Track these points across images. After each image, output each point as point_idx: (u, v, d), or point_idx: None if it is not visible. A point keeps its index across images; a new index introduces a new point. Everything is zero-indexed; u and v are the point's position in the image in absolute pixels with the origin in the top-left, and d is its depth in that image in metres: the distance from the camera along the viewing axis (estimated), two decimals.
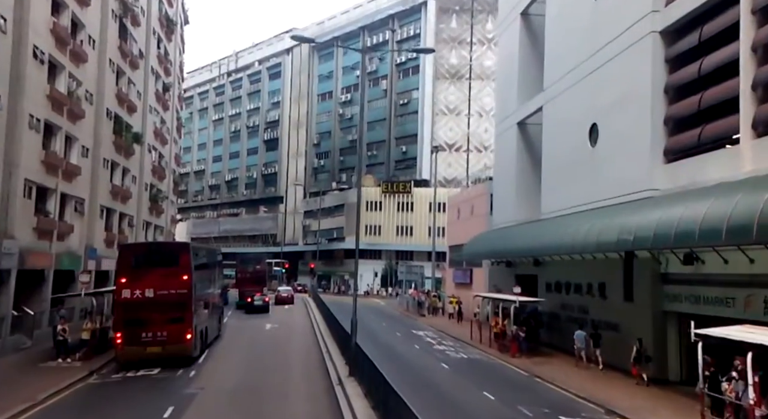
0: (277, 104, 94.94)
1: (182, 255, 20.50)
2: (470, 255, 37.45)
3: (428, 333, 33.73)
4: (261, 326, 33.82)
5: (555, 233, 24.90)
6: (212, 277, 26.31)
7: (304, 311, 43.95)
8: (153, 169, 40.71)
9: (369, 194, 74.57)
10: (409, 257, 73.53)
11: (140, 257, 20.47)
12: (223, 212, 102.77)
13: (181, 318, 19.53)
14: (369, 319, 40.78)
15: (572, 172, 27.02)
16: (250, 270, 47.95)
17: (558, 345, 26.52)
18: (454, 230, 46.78)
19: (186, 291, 19.69)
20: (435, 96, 74.51)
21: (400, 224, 73.71)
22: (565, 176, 27.80)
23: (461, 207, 45.34)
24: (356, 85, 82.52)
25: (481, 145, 73.95)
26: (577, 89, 26.71)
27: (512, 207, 33.85)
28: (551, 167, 29.55)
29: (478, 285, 40.64)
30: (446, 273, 48.82)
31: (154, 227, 42.31)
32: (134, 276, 19.37)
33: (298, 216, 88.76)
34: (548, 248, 25.50)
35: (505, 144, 35.80)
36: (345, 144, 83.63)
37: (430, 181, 74.01)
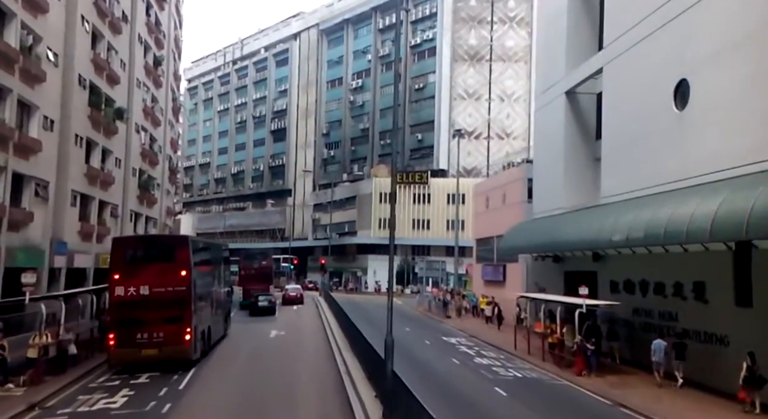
0: (285, 93, 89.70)
1: (180, 249, 18.79)
2: (508, 250, 32.01)
3: (461, 340, 28.40)
4: (265, 333, 28.58)
5: (625, 221, 19.52)
6: (216, 273, 24.36)
7: (315, 313, 38.69)
8: (143, 153, 35.57)
9: (382, 185, 69.21)
10: (425, 252, 68.27)
11: (135, 252, 18.84)
12: (229, 206, 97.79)
13: (180, 317, 18.06)
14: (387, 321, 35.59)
15: (646, 145, 21.61)
16: (255, 267, 43.52)
17: (628, 359, 21.17)
18: (482, 221, 41.38)
19: (185, 288, 18.20)
20: (453, 79, 68.96)
21: (416, 217, 68.35)
22: (634, 151, 22.38)
23: (490, 196, 39.92)
24: (368, 70, 77.12)
25: (503, 131, 68.38)
26: (655, 40, 21.19)
27: (560, 192, 28.42)
28: (614, 142, 24.08)
29: (513, 283, 35.25)
30: (473, 270, 43.43)
31: (145, 218, 37.18)
32: (128, 272, 17.98)
33: (307, 210, 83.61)
34: (619, 240, 20.03)
35: (549, 119, 30.31)
36: (356, 133, 78.31)
37: (448, 171, 68.66)
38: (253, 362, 20.64)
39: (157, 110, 39.20)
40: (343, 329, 27.29)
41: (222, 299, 25.71)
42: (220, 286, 25.20)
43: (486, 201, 40.54)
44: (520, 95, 68.28)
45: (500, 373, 19.97)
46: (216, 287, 23.99)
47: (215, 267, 24.21)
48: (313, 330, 29.64)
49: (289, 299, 44.42)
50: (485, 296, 35.52)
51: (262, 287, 40.41)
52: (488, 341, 27.75)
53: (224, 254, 28.43)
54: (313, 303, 46.07)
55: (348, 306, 34.52)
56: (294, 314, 38.81)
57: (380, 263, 68.01)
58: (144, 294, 17.75)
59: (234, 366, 19.85)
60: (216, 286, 24.00)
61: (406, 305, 49.23)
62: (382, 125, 75.01)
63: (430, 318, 39.30)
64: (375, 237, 68.63)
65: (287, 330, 29.64)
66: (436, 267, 48.02)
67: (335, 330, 28.51)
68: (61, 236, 24.43)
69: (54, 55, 23.03)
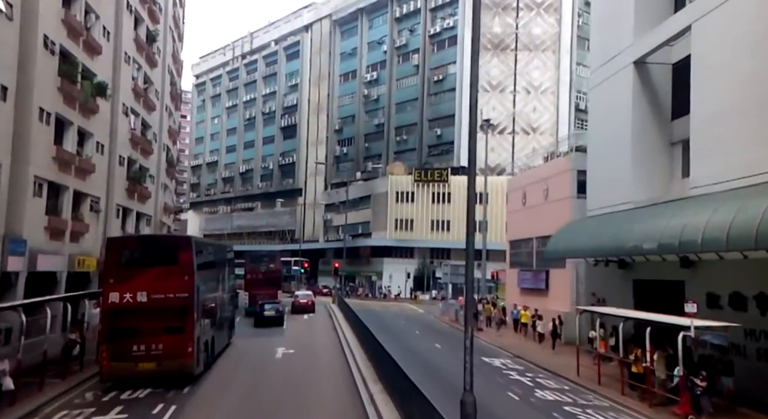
0: (295, 87, 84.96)
1: (183, 251, 17.04)
2: (556, 253, 26.81)
3: (507, 362, 23.26)
4: (269, 351, 23.55)
5: (746, 215, 14.46)
6: (220, 277, 22.48)
7: (329, 325, 33.66)
8: (133, 139, 30.76)
9: (399, 183, 64.33)
10: (445, 256, 63.16)
11: (132, 253, 17.10)
12: (237, 206, 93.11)
13: (181, 327, 16.47)
14: (414, 335, 30.58)
15: (757, 119, 16.54)
16: (262, 270, 39.46)
17: (742, 396, 16.00)
18: (518, 221, 36.23)
19: (187, 295, 16.59)
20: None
21: (435, 217, 63.28)
22: (739, 128, 17.30)
23: (529, 191, 34.78)
24: (383, 62, 72.19)
25: (529, 126, 63.18)
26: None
27: (625, 184, 23.31)
28: (708, 117, 18.92)
29: (559, 292, 30.10)
30: (506, 276, 38.24)
31: (136, 215, 32.37)
32: (124, 276, 16.29)
33: (318, 210, 78.74)
34: (740, 240, 14.86)
35: (609, 97, 25.17)
36: (371, 129, 73.35)
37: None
38: (253, 400, 15.58)
39: (152, 92, 34.43)
40: (366, 348, 22.23)
41: (226, 306, 23.87)
42: (224, 291, 23.24)
43: (522, 198, 35.40)
44: (548, 87, 63.10)
45: (579, 418, 14.84)
46: (220, 292, 22.09)
47: (219, 271, 22.36)
48: (328, 349, 24.55)
49: (299, 308, 39.47)
50: (526, 309, 30.22)
51: (269, 292, 36.81)
52: (540, 364, 22.60)
53: (229, 256, 26.38)
54: (325, 312, 41.06)
55: (367, 317, 29.57)
56: (305, 325, 33.81)
57: (396, 267, 63.11)
58: (141, 301, 16.05)
59: (231, 397, 14.98)
60: (220, 291, 22.12)
61: (428, 314, 44.14)
62: (398, 119, 70.08)
63: (457, 330, 34.14)
64: (391, 239, 63.66)
65: (297, 347, 24.59)
66: (462, 272, 42.83)
67: (355, 349, 23.41)
68: (18, 233, 19.58)
69: (7, 4, 18.20)
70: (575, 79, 62.83)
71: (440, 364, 22.10)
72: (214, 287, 20.80)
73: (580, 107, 63.02)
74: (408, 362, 16.85)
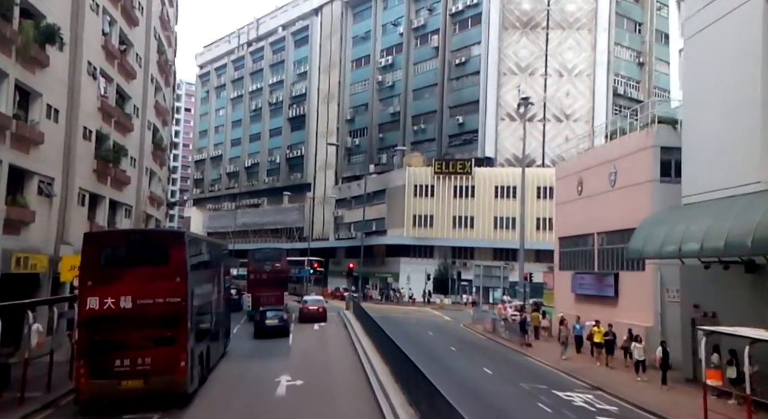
0: (304, 75, 78.78)
1: (174, 248, 14.50)
2: (648, 252, 20.24)
3: (589, 397, 16.90)
4: (269, 382, 17.25)
5: None
6: (216, 279, 20.10)
7: (345, 338, 27.33)
8: (103, 109, 24.60)
9: (417, 176, 58.08)
10: (468, 255, 56.92)
11: (114, 251, 14.51)
12: (242, 202, 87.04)
13: (172, 337, 14.00)
14: (451, 353, 24.42)
15: None
16: (267, 270, 35.24)
17: None
18: (571, 213, 29.83)
19: (179, 300, 14.10)
20: (502, 51, 57.48)
21: (457, 213, 56.93)
22: None
23: (586, 178, 28.39)
24: (399, 45, 65.86)
25: (562, 112, 56.70)
26: None
27: (751, 156, 16.94)
28: None
29: (634, 302, 23.72)
30: (555, 279, 31.82)
31: (109, 203, 26.21)
32: (105, 278, 13.77)
33: (328, 206, 72.51)
34: None
35: (724, 42, 18.74)
36: (385, 118, 67.05)
37: (495, 159, 57.19)
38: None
39: (131, 56, 28.30)
40: (401, 380, 15.88)
41: (223, 311, 21.38)
42: (220, 295, 20.74)
43: (578, 186, 28.99)
44: (583, 69, 56.61)
45: None
46: (216, 295, 19.58)
47: (215, 271, 19.98)
48: (348, 379, 18.19)
49: (308, 315, 33.23)
50: (599, 326, 23.41)
51: (275, 293, 33.26)
52: (638, 404, 16.21)
53: (225, 255, 24.18)
54: (339, 321, 34.80)
55: (391, 328, 23.34)
56: (315, 338, 27.53)
57: (414, 267, 56.87)
58: (125, 307, 13.84)
59: None
60: (216, 295, 19.60)
61: (457, 323, 37.85)
62: (416, 107, 63.77)
63: (500, 345, 27.87)
64: (408, 237, 57.36)
65: (306, 375, 18.29)
66: (496, 274, 36.51)
67: (385, 379, 17.02)
68: None
69: None
70: (613, 60, 56.38)
71: (506, 405, 15.77)
72: (210, 291, 18.29)
73: (619, 92, 56.58)
74: (458, 397, 10.93)
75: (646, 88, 57.79)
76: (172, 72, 38.83)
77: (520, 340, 27.47)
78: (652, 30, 58.43)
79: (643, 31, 59.00)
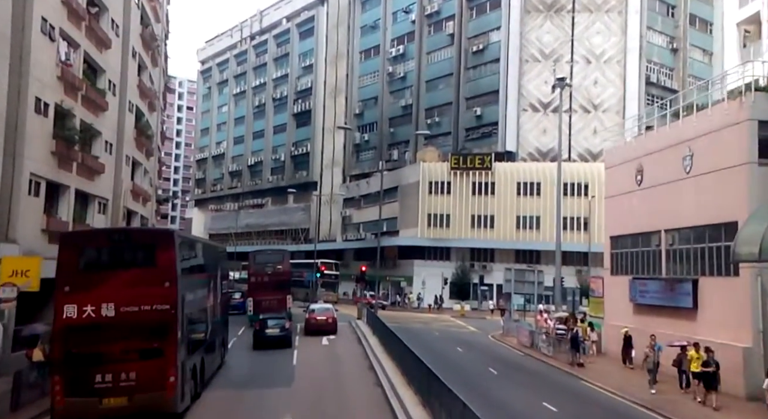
0: (310, 68, 74.19)
1: (163, 250, 13.11)
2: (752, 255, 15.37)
3: None
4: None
5: None
6: (212, 283, 17.89)
7: (361, 360, 22.42)
8: (64, 78, 19.90)
9: (432, 172, 53.36)
10: (488, 257, 52.16)
11: (94, 253, 13.23)
12: (246, 202, 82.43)
13: (160, 350, 12.63)
14: (492, 378, 19.56)
15: None
16: (269, 273, 33.02)
17: None
18: (627, 208, 24.94)
19: (168, 307, 12.71)
20: (523, 37, 52.69)
21: (475, 212, 52.13)
22: None
23: (648, 165, 23.51)
24: (411, 33, 61.16)
25: (590, 102, 51.82)
26: None
27: None
28: None
29: (722, 315, 18.79)
30: (605, 286, 26.84)
31: (74, 194, 21.48)
32: (84, 283, 12.51)
33: (335, 206, 67.85)
34: None
35: None
36: (396, 111, 62.36)
37: (517, 153, 52.36)
38: None
39: (105, 22, 23.62)
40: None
41: (219, 319, 19.74)
42: (216, 300, 19.10)
43: (637, 175, 24.11)
44: (612, 56, 51.76)
45: None
46: (211, 302, 17.86)
47: (210, 275, 18.23)
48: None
49: (315, 327, 28.41)
50: (696, 348, 17.89)
51: (277, 297, 31.14)
52: None
53: (222, 257, 22.55)
54: (350, 332, 30.01)
55: (413, 343, 18.58)
56: (324, 358, 22.72)
57: (430, 271, 52.12)
58: (107, 316, 12.29)
59: None
60: (211, 301, 17.89)
61: (484, 334, 33.03)
62: (429, 99, 59.04)
63: (545, 365, 23.06)
64: (423, 238, 52.57)
65: (315, 414, 13.54)
66: (529, 279, 31.63)
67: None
68: None
69: None
70: (645, 46, 51.47)
71: None
72: (204, 296, 16.75)
73: (652, 80, 51.66)
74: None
75: (681, 76, 52.90)
76: (161, 51, 34.18)
77: (570, 359, 22.61)
78: (686, 13, 53.58)
79: (676, 14, 54.13)
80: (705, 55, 55.19)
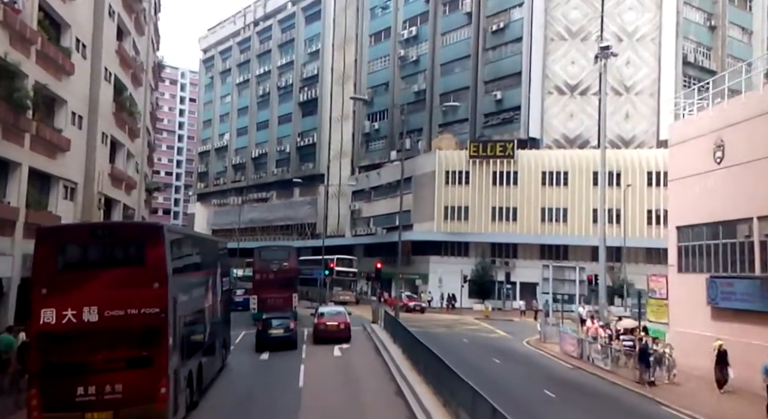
0: (316, 54, 69.90)
1: (152, 246, 11.86)
2: None
3: None
4: None
5: None
6: (211, 281, 16.63)
7: (383, 378, 18.06)
8: (5, 22, 15.63)
9: (449, 161, 49.13)
10: (510, 253, 47.79)
11: (75, 250, 12.02)
12: (250, 196, 78.29)
13: (149, 358, 11.53)
14: (548, 401, 15.32)
15: None
16: (274, 270, 31.64)
17: None
18: (702, 191, 20.53)
19: (158, 311, 11.57)
20: (548, 13, 48.20)
21: (496, 203, 47.77)
22: None
23: (732, 138, 19.09)
24: (424, 14, 56.70)
25: (621, 84, 47.29)
26: None
27: None
28: None
29: None
30: (670, 286, 22.37)
31: (27, 173, 17.22)
32: (64, 285, 11.32)
33: (343, 199, 63.60)
34: None
35: None
36: (409, 97, 57.82)
37: (541, 140, 47.97)
38: None
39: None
40: None
41: (220, 320, 17.77)
42: (216, 299, 17.18)
43: (715, 151, 19.68)
44: (646, 33, 47.23)
45: None
46: (210, 302, 16.23)
47: (210, 272, 16.63)
48: None
49: (324, 334, 24.05)
50: None
51: (282, 295, 29.80)
52: None
53: (222, 253, 20.17)
54: (366, 339, 25.70)
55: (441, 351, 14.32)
56: (337, 374, 18.43)
57: (447, 267, 47.75)
58: (90, 321, 11.23)
59: None
60: (210, 301, 16.24)
61: (516, 339, 28.69)
62: (444, 84, 54.62)
63: (606, 382, 18.74)
64: (439, 232, 48.25)
65: None
66: (569, 277, 27.24)
67: None
68: None
69: None
70: (682, 22, 46.86)
71: None
72: (202, 296, 15.31)
73: (689, 60, 47.05)
74: None
75: (719, 56, 48.29)
76: (147, 18, 29.83)
77: (637, 376, 18.27)
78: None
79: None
80: (744, 34, 50.58)
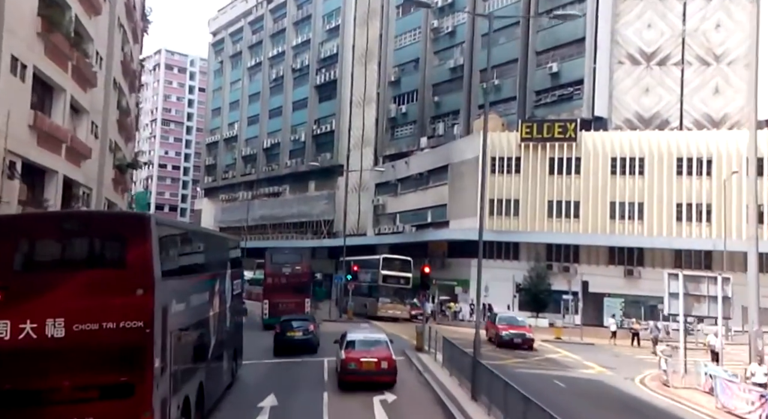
0: (335, 31, 62.02)
1: (135, 242, 9.02)
2: None
3: None
4: None
5: None
6: (218, 285, 13.60)
7: None
8: None
9: (496, 145, 40.93)
10: (572, 257, 39.46)
11: (38, 246, 9.38)
12: (260, 191, 70.65)
13: (130, 386, 8.80)
14: None
15: None
16: (286, 273, 30.54)
17: None
18: None
19: (141, 324, 8.77)
20: None
21: (554, 197, 39.50)
22: None
23: None
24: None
25: (709, 52, 38.71)
26: None
27: None
28: None
29: None
30: None
31: None
32: (22, 291, 8.71)
33: (365, 193, 55.65)
34: None
35: None
36: (442, 76, 49.92)
37: (609, 119, 39.57)
38: None
39: None
40: None
41: (230, 328, 15.08)
42: (225, 306, 14.20)
43: None
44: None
45: None
46: (216, 310, 13.22)
47: (216, 275, 13.62)
48: None
49: (357, 377, 15.66)
50: None
51: (295, 300, 29.01)
52: None
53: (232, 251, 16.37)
54: (413, 377, 17.47)
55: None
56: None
57: (494, 273, 39.10)
58: (55, 337, 8.65)
59: None
60: (218, 308, 13.45)
61: (616, 375, 20.38)
62: (485, 58, 45.98)
63: None
64: (487, 231, 39.60)
65: None
66: (703, 292, 18.78)
67: None
68: None
69: None
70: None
71: None
72: (205, 303, 12.32)
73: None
74: None
75: None
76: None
77: None
78: None
79: None
80: None
